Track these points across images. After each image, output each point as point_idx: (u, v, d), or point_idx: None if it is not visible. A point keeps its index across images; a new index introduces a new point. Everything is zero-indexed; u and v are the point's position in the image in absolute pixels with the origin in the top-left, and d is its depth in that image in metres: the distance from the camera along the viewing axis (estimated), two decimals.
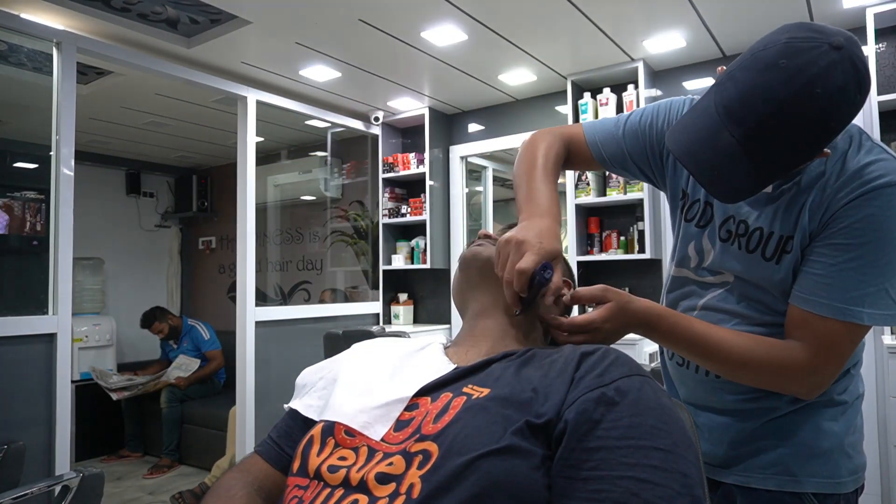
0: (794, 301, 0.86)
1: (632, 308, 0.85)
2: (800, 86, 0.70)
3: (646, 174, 1.08)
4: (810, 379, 0.85)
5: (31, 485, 1.56)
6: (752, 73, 0.73)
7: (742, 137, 0.73)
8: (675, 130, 0.81)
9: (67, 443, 2.25)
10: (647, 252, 3.04)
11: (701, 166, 0.78)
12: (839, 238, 0.82)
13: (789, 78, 0.70)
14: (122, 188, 4.98)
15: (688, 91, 3.15)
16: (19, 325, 2.17)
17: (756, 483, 0.93)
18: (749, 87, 0.73)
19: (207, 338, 4.22)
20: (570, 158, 1.09)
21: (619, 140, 1.06)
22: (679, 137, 0.80)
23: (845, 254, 0.81)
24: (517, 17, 2.57)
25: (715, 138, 0.75)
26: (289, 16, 2.52)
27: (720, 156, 0.76)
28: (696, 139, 0.78)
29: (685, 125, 0.80)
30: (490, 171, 4.26)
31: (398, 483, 0.60)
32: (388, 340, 0.87)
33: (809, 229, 0.85)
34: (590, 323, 0.84)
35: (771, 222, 0.89)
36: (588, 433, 0.60)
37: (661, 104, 1.05)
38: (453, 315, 3.92)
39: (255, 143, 3.21)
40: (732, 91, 0.75)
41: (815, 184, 0.85)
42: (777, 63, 0.71)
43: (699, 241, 0.99)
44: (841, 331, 0.82)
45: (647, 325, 0.87)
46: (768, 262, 0.89)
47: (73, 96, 2.38)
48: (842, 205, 0.82)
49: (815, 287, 0.83)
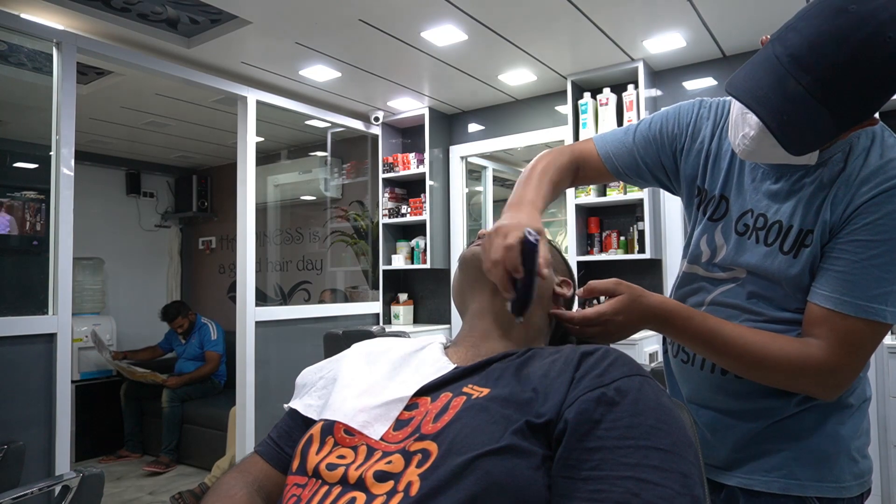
0: (815, 298, 0.85)
1: (645, 302, 0.85)
2: (872, 29, 0.69)
3: (659, 179, 1.08)
4: (830, 378, 0.84)
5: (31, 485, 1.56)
6: (820, 19, 0.72)
7: (811, 84, 0.72)
8: (737, 78, 0.79)
9: (67, 443, 2.25)
10: (647, 252, 3.04)
11: (770, 111, 0.75)
12: (862, 234, 0.81)
13: (860, 22, 0.69)
14: (122, 188, 4.98)
15: (687, 91, 3.15)
16: (19, 325, 2.17)
17: (759, 486, 0.92)
18: (817, 33, 0.72)
19: (214, 338, 4.22)
20: (582, 173, 1.10)
21: (630, 147, 1.07)
22: (743, 84, 0.78)
23: (868, 251, 0.80)
24: (517, 17, 2.57)
25: (782, 86, 0.74)
26: (289, 16, 2.52)
27: (790, 103, 0.74)
28: (762, 86, 0.76)
29: (746, 75, 0.78)
30: (490, 171, 4.26)
31: (396, 481, 0.60)
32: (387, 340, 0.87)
33: (830, 223, 0.84)
34: (600, 315, 0.84)
35: (791, 216, 0.88)
36: (588, 433, 0.60)
37: (670, 109, 1.06)
38: (453, 315, 3.92)
39: (255, 143, 3.21)
40: (797, 39, 0.73)
41: (837, 178, 0.84)
42: (847, 8, 0.70)
43: (712, 236, 0.98)
44: (863, 329, 0.81)
45: (661, 319, 0.87)
46: (786, 256, 0.88)
47: (73, 96, 2.38)
48: (864, 200, 0.81)
49: (838, 284, 0.82)
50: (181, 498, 3.13)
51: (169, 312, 4.24)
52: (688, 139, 1.03)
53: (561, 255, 0.98)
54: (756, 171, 0.94)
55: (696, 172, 1.02)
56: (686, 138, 1.03)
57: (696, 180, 1.02)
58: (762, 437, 0.93)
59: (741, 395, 0.94)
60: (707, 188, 1.00)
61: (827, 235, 0.85)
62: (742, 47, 2.91)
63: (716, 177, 0.99)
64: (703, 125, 1.01)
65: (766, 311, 0.91)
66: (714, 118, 1.01)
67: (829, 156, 0.86)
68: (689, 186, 1.05)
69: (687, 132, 1.03)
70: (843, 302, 0.81)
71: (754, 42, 2.80)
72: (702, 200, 1.02)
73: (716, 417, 0.98)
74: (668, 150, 1.05)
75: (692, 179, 1.03)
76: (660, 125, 1.05)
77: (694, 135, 1.02)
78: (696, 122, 1.03)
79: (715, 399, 0.98)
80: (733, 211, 0.96)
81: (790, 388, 0.88)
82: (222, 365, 4.26)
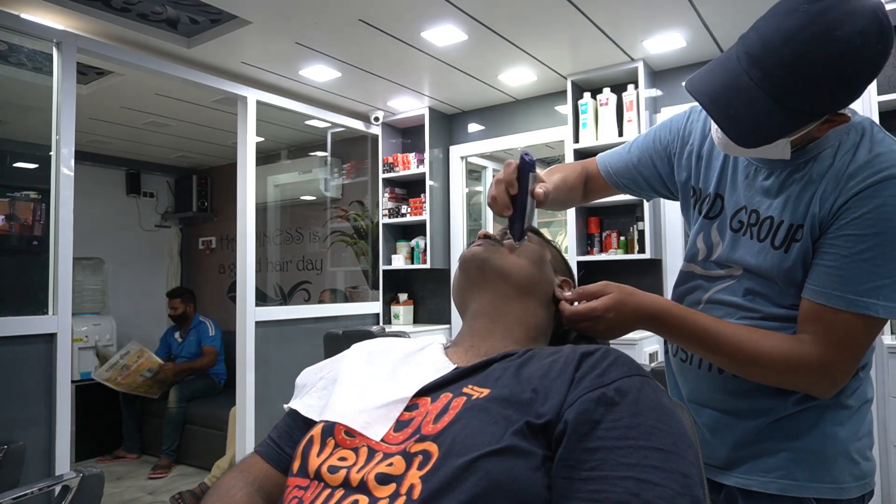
0: (807, 294, 0.85)
1: (634, 301, 0.87)
2: (820, 28, 0.71)
3: (655, 188, 1.14)
4: (824, 375, 0.84)
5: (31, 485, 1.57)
6: (774, 18, 0.76)
7: (760, 79, 0.75)
8: (696, 77, 0.83)
9: (67, 443, 2.25)
10: (647, 252, 3.04)
11: (718, 105, 0.79)
12: (851, 229, 0.81)
13: (810, 20, 0.72)
14: (122, 188, 4.98)
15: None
16: (19, 325, 2.17)
17: (757, 486, 0.92)
18: (770, 31, 0.75)
19: (212, 334, 4.26)
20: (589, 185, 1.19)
21: (627, 160, 1.15)
22: (698, 82, 0.82)
23: (857, 245, 0.81)
24: (517, 17, 2.57)
25: (734, 82, 0.77)
26: (289, 16, 2.52)
27: (738, 97, 0.77)
28: (715, 83, 0.80)
29: (705, 73, 0.82)
30: (490, 171, 4.25)
31: (398, 483, 0.60)
32: (388, 340, 0.87)
33: (819, 217, 0.85)
34: (591, 311, 0.86)
35: (781, 211, 0.89)
36: (588, 433, 0.60)
37: (664, 121, 1.13)
38: (453, 315, 3.92)
39: (255, 143, 3.21)
40: (754, 38, 0.77)
41: (826, 173, 0.85)
42: (798, 7, 0.73)
43: (708, 233, 1.00)
44: (855, 323, 0.81)
45: (653, 319, 0.88)
46: (777, 251, 0.89)
47: (73, 96, 2.38)
48: (853, 194, 0.81)
49: (828, 279, 0.83)
50: (181, 498, 3.13)
51: (175, 291, 4.35)
52: (679, 144, 1.07)
53: (561, 256, 0.98)
54: (749, 167, 0.95)
55: (689, 173, 1.05)
56: (678, 143, 1.08)
57: (689, 181, 1.06)
58: (761, 437, 0.93)
59: (739, 394, 0.94)
60: (701, 187, 1.03)
61: (817, 230, 0.85)
62: None
63: (709, 176, 1.01)
64: (693, 128, 1.06)
65: (763, 307, 0.92)
66: (704, 120, 1.05)
67: (818, 151, 0.87)
68: (683, 188, 1.08)
69: (678, 137, 1.08)
70: (833, 297, 0.82)
71: None
72: (697, 200, 1.04)
73: (715, 416, 0.98)
74: (663, 158, 1.10)
75: (685, 180, 1.07)
76: (654, 135, 1.12)
77: (685, 139, 1.07)
78: (686, 127, 1.07)
79: (714, 398, 0.98)
80: (728, 208, 0.97)
81: (785, 385, 0.88)
82: (222, 364, 4.26)
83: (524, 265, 0.87)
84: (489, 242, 0.90)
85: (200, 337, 4.23)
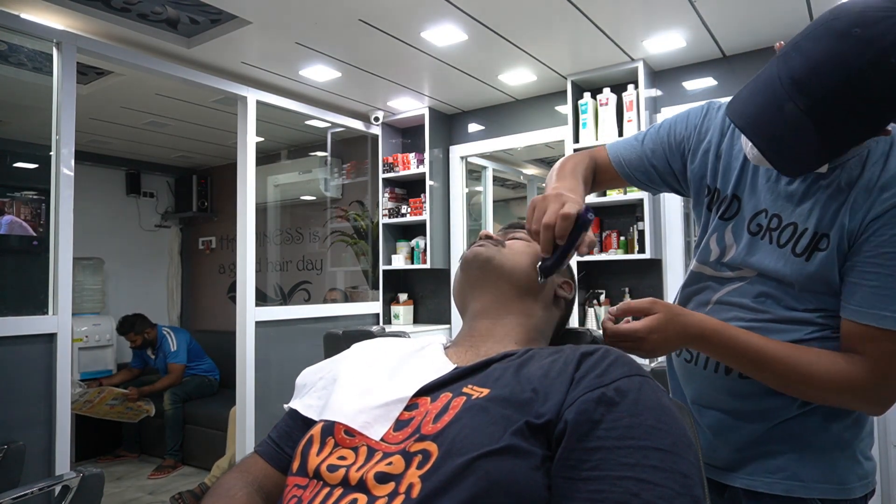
0: (850, 315, 0.84)
1: (682, 320, 0.85)
2: (874, 55, 0.68)
3: (668, 182, 1.10)
4: (877, 394, 0.83)
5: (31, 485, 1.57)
6: (823, 42, 0.71)
7: (808, 108, 0.72)
8: (737, 101, 0.80)
9: (67, 443, 2.25)
10: (647, 252, 3.04)
11: (764, 137, 0.77)
12: (891, 247, 0.80)
13: (864, 47, 0.68)
14: (122, 188, 4.98)
15: (687, 91, 3.15)
16: (19, 325, 2.17)
17: (762, 487, 0.91)
18: (820, 56, 0.71)
19: (174, 349, 4.10)
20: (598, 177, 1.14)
21: (640, 151, 1.10)
22: (740, 108, 0.79)
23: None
24: (517, 17, 2.57)
25: (780, 109, 0.74)
26: (289, 16, 2.52)
27: (785, 127, 0.74)
28: (759, 111, 0.77)
29: (747, 97, 0.79)
30: (490, 171, 4.25)
31: (397, 483, 0.60)
32: (387, 340, 0.87)
33: (849, 229, 0.83)
34: (634, 332, 0.83)
35: (806, 218, 0.87)
36: (588, 433, 0.60)
37: (680, 113, 1.09)
38: (453, 315, 3.92)
39: (255, 143, 3.21)
40: (799, 61, 0.73)
41: (856, 183, 0.83)
42: (850, 31, 0.69)
43: (721, 235, 0.99)
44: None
45: (699, 338, 0.86)
46: (798, 258, 0.88)
47: (73, 96, 2.38)
48: (886, 207, 0.80)
49: (873, 299, 0.81)
50: (181, 498, 3.14)
51: (123, 326, 4.11)
52: (695, 139, 1.04)
53: None
54: (771, 170, 0.93)
55: (704, 171, 1.03)
56: (694, 138, 1.05)
57: (704, 178, 1.03)
58: (765, 439, 0.93)
59: (745, 396, 0.93)
60: (719, 187, 1.00)
61: (846, 242, 0.84)
62: (742, 47, 2.90)
63: (728, 176, 0.99)
64: (711, 125, 1.03)
65: (773, 310, 0.91)
66: (723, 119, 1.02)
67: (846, 159, 0.85)
68: (697, 185, 1.05)
69: (695, 133, 1.05)
70: (883, 317, 0.80)
71: (754, 42, 2.80)
72: (713, 200, 1.02)
73: (720, 418, 0.98)
74: (676, 153, 1.07)
75: (700, 178, 1.04)
76: (668, 128, 1.08)
77: (701, 135, 1.04)
78: (703, 123, 1.04)
79: (719, 399, 0.97)
80: (746, 210, 0.96)
81: (835, 403, 0.87)
82: (208, 362, 4.25)
83: (525, 266, 0.87)
84: (491, 243, 0.90)
85: (165, 352, 4.11)
